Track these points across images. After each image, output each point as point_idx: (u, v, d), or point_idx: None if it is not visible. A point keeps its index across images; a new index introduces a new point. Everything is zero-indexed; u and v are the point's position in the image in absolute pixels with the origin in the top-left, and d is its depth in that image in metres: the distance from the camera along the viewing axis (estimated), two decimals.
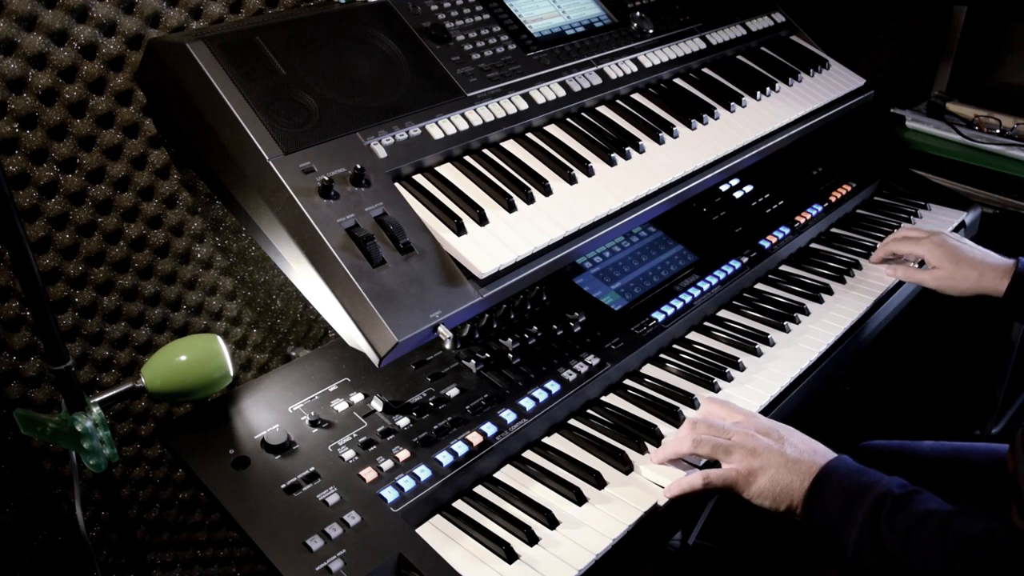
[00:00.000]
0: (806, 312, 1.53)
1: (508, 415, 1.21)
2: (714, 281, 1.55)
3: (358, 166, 1.16)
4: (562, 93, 1.48)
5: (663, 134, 1.51)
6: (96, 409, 1.08)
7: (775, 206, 1.81)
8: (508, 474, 1.17)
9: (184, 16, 1.29)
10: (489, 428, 1.18)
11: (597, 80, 1.55)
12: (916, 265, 1.64)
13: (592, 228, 1.32)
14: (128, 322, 1.36)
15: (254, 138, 1.13)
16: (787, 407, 1.36)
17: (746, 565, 1.72)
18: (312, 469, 1.10)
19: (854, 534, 1.03)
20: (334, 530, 1.01)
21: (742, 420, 1.17)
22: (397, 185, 1.23)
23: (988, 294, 1.49)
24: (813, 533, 1.07)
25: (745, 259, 1.62)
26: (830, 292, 1.61)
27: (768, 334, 1.46)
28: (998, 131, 2.13)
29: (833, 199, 1.87)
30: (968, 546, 0.98)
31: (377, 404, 1.21)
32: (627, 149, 1.44)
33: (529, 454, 1.21)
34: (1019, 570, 0.94)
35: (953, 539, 0.98)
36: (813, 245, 1.78)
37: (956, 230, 1.88)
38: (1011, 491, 1.10)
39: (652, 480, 1.16)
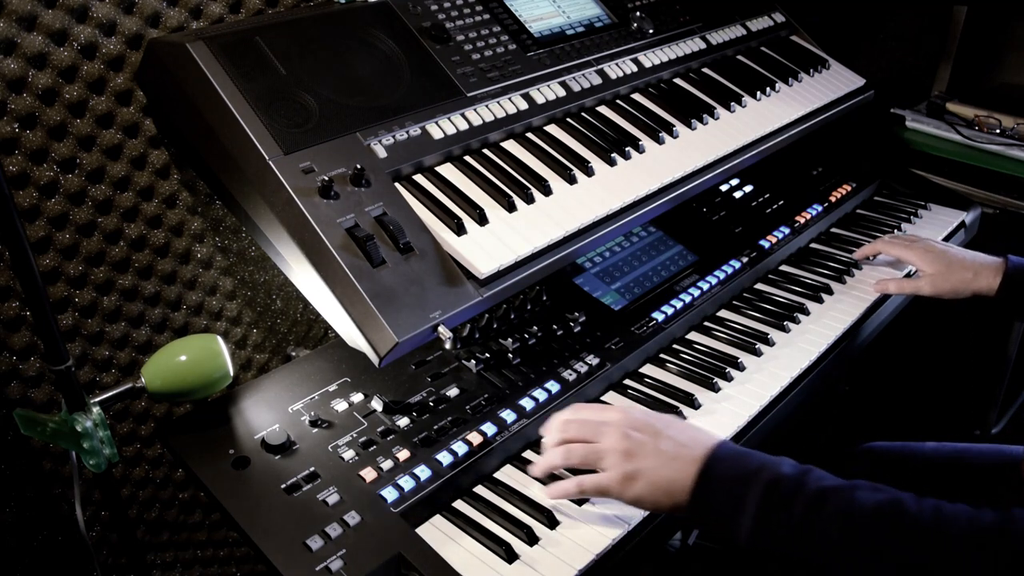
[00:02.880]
0: (806, 312, 1.53)
1: (508, 415, 1.21)
2: (714, 281, 1.55)
3: (358, 166, 1.16)
4: (562, 93, 1.48)
5: (663, 134, 1.51)
6: (96, 409, 1.08)
7: (775, 206, 1.81)
8: (508, 474, 1.17)
9: (184, 16, 1.29)
10: (489, 428, 1.18)
11: (597, 80, 1.55)
12: (904, 275, 1.64)
13: (592, 228, 1.32)
14: (128, 322, 1.36)
15: (254, 138, 1.13)
16: (787, 407, 1.36)
17: (746, 565, 1.72)
18: (312, 469, 1.10)
19: (748, 522, 0.97)
20: (334, 530, 1.01)
21: (615, 418, 1.09)
22: (397, 185, 1.23)
23: (983, 294, 1.49)
24: (700, 526, 1.04)
25: (745, 259, 1.62)
26: (830, 292, 1.61)
27: (768, 334, 1.46)
28: (998, 131, 2.13)
29: (833, 199, 1.87)
30: (872, 518, 0.94)
31: (377, 404, 1.21)
32: (627, 149, 1.44)
33: (529, 454, 1.21)
34: (922, 535, 0.91)
35: (857, 513, 0.94)
36: (813, 245, 1.78)
37: (956, 230, 1.88)
38: (1022, 497, 1.08)
39: None
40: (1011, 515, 0.90)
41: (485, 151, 1.36)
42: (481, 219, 1.23)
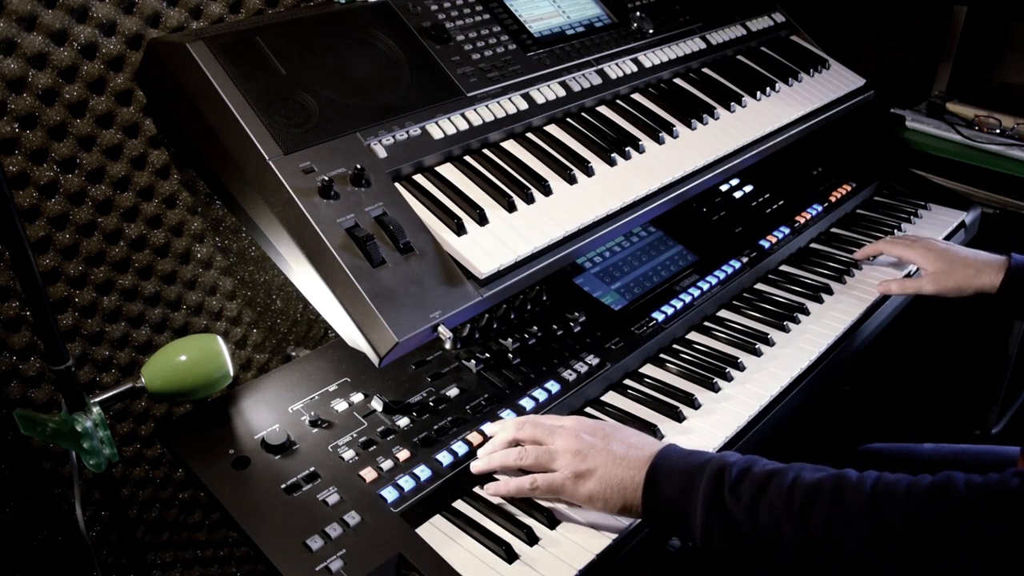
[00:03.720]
0: (806, 312, 1.53)
1: (508, 415, 1.21)
2: (714, 281, 1.55)
3: (358, 166, 1.16)
4: (562, 93, 1.48)
5: (663, 134, 1.51)
6: (96, 409, 1.08)
7: (775, 206, 1.81)
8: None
9: (184, 16, 1.29)
10: (489, 428, 1.18)
11: (597, 80, 1.55)
12: (905, 275, 1.64)
13: (592, 228, 1.32)
14: (128, 322, 1.36)
15: (254, 138, 1.13)
16: (787, 407, 1.35)
17: (746, 565, 1.72)
18: (312, 469, 1.10)
19: (699, 517, 0.98)
20: (334, 530, 1.01)
21: (568, 424, 1.12)
22: (397, 185, 1.23)
23: (985, 291, 1.49)
24: (658, 528, 1.04)
25: (745, 259, 1.62)
26: (830, 292, 1.61)
27: (768, 334, 1.46)
28: (998, 131, 2.13)
29: (833, 199, 1.87)
30: (816, 493, 0.94)
31: (377, 404, 1.21)
32: (627, 149, 1.44)
33: None
34: (866, 502, 0.92)
35: (801, 491, 0.95)
36: (813, 245, 1.78)
37: (956, 230, 1.88)
38: None
39: None
40: (949, 476, 0.91)
41: (485, 151, 1.36)
42: (481, 219, 1.23)
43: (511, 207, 1.27)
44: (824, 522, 0.93)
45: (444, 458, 1.13)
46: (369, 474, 1.09)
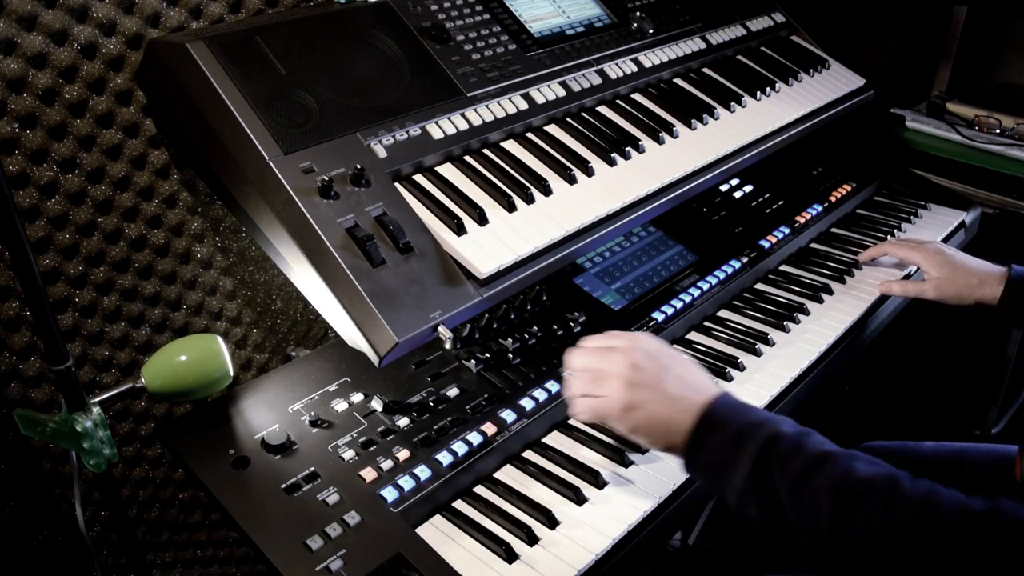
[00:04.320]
0: (806, 312, 1.53)
1: (508, 415, 1.21)
2: (714, 281, 1.55)
3: (358, 166, 1.16)
4: (562, 93, 1.48)
5: (663, 134, 1.51)
6: (96, 409, 1.08)
7: (775, 206, 1.81)
8: (508, 474, 1.17)
9: (184, 16, 1.29)
10: (489, 428, 1.18)
11: (597, 80, 1.55)
12: (905, 276, 1.63)
13: (592, 228, 1.32)
14: (128, 322, 1.36)
15: (254, 138, 1.13)
16: (787, 407, 1.36)
17: (746, 565, 1.72)
18: (312, 469, 1.10)
19: (739, 480, 0.96)
20: (334, 530, 1.01)
21: (623, 344, 1.08)
22: (397, 185, 1.23)
23: (985, 302, 1.48)
24: (693, 473, 1.02)
25: (745, 259, 1.62)
26: (830, 292, 1.61)
27: (768, 334, 1.46)
28: (998, 131, 2.13)
29: (833, 199, 1.87)
30: (866, 489, 0.92)
31: (377, 404, 1.21)
32: (627, 149, 1.44)
33: (529, 454, 1.21)
34: (914, 513, 0.90)
35: (852, 484, 0.92)
36: (813, 245, 1.78)
37: (956, 230, 1.88)
38: (1020, 499, 1.09)
39: (653, 479, 1.16)
40: (1000, 504, 0.90)
41: (485, 151, 1.36)
42: (481, 219, 1.23)
43: (511, 207, 1.27)
44: (867, 522, 0.91)
45: (444, 458, 1.13)
46: (369, 474, 1.09)
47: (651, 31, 1.71)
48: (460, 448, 1.14)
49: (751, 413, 1.01)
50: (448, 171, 1.30)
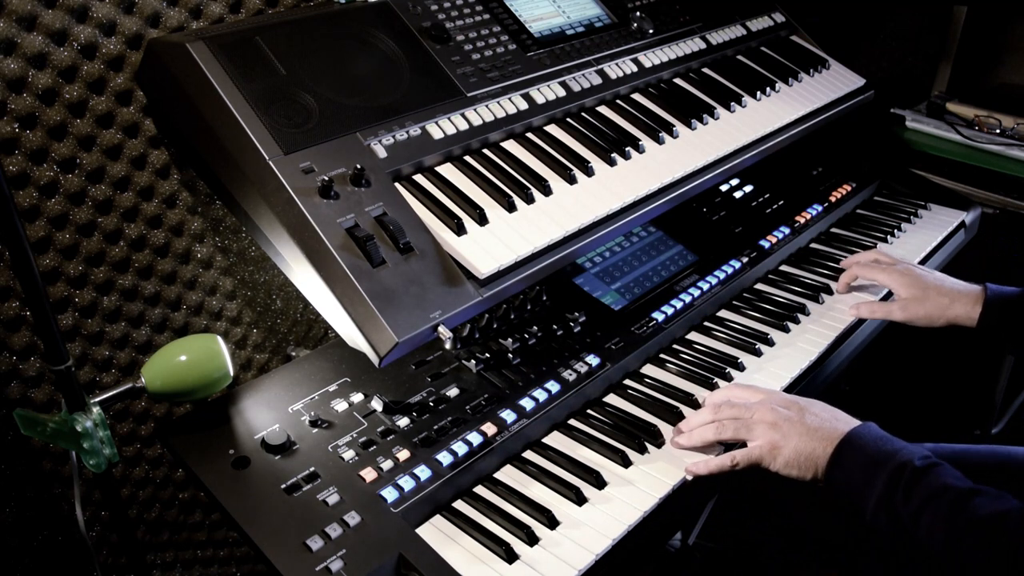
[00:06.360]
0: (806, 312, 1.53)
1: (508, 415, 1.21)
2: (714, 281, 1.55)
3: (358, 166, 1.16)
4: (562, 93, 1.48)
5: (663, 134, 1.51)
6: (96, 409, 1.08)
7: (775, 206, 1.81)
8: (508, 474, 1.17)
9: (184, 16, 1.29)
10: (489, 428, 1.18)
11: (597, 80, 1.55)
12: (879, 297, 1.58)
13: (592, 228, 1.32)
14: (128, 322, 1.36)
15: (254, 138, 1.13)
16: None
17: (746, 565, 1.72)
18: (312, 469, 1.10)
19: (872, 502, 1.06)
20: (334, 530, 1.01)
21: (763, 398, 1.20)
22: (397, 185, 1.23)
23: (959, 323, 1.45)
24: (836, 497, 1.11)
25: (745, 259, 1.62)
26: (830, 292, 1.60)
27: (768, 334, 1.46)
28: (998, 131, 2.13)
29: (833, 199, 1.87)
30: (978, 526, 0.99)
31: (377, 404, 1.21)
32: (627, 149, 1.44)
33: (529, 454, 1.21)
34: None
35: (965, 518, 1.00)
36: (813, 245, 1.78)
37: (956, 230, 1.88)
38: None
39: (653, 479, 1.16)
40: None
41: (485, 151, 1.36)
42: (481, 219, 1.23)
43: (511, 207, 1.27)
44: (973, 557, 0.99)
45: (444, 458, 1.13)
46: (369, 474, 1.09)
47: (651, 31, 1.71)
48: (460, 448, 1.14)
49: (889, 442, 1.11)
50: (448, 171, 1.30)
